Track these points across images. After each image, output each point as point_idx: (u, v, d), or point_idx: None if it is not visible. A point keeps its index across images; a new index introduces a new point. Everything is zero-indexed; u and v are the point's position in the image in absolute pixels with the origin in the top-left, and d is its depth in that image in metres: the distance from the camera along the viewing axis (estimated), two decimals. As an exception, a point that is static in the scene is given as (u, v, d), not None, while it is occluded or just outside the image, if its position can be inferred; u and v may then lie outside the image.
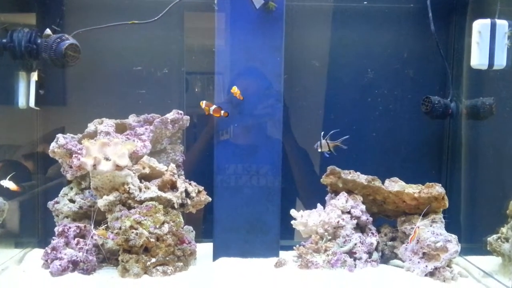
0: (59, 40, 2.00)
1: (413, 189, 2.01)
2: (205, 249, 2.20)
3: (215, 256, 2.16)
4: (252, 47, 2.12)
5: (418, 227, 1.97)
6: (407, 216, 2.08)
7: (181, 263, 1.95)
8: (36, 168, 2.36)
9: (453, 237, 1.97)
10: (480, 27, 1.87)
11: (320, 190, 2.20)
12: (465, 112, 2.24)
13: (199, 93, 2.41)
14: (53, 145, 2.01)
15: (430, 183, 2.02)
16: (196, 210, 2.14)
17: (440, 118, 2.25)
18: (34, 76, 2.10)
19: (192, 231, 2.23)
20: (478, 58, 1.88)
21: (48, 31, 2.03)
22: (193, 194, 2.08)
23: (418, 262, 1.96)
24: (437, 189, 2.00)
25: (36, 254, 2.12)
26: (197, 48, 2.40)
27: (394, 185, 2.05)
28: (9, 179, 2.04)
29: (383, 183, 2.08)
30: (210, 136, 2.24)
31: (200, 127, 2.37)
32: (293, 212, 2.12)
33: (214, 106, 2.11)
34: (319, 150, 2.09)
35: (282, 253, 2.18)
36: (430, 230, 1.98)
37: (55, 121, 2.35)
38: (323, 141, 2.07)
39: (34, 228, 2.34)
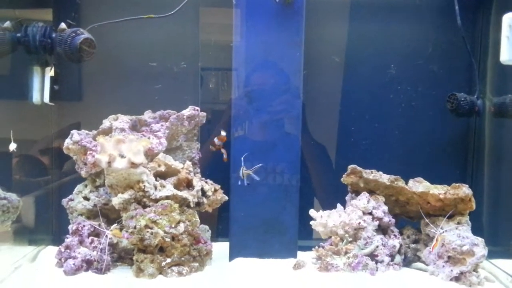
0: (74, 34, 1.96)
1: (438, 190, 1.94)
2: (220, 248, 2.15)
3: (231, 256, 2.11)
4: (271, 42, 2.06)
5: (440, 234, 1.89)
6: (431, 217, 2.00)
7: (197, 264, 1.90)
8: (52, 164, 2.34)
9: (480, 240, 1.89)
10: (510, 20, 1.78)
11: (338, 189, 2.14)
12: (493, 110, 2.16)
13: (214, 89, 2.37)
14: (67, 141, 1.98)
15: (457, 184, 1.94)
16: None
17: (466, 116, 2.19)
18: (49, 71, 2.07)
19: (208, 231, 2.18)
20: (508, 53, 1.78)
21: (63, 25, 1.98)
22: (209, 193, 2.03)
23: (443, 266, 1.89)
24: (464, 190, 1.92)
25: (50, 252, 2.09)
26: (213, 43, 2.35)
27: (419, 185, 1.97)
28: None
29: (406, 183, 2.00)
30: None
31: (214, 123, 2.33)
32: (312, 212, 2.05)
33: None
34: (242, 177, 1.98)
35: (299, 254, 2.13)
36: (456, 233, 1.90)
37: (71, 117, 2.32)
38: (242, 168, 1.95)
39: (48, 225, 2.32)
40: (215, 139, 2.02)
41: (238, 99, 2.11)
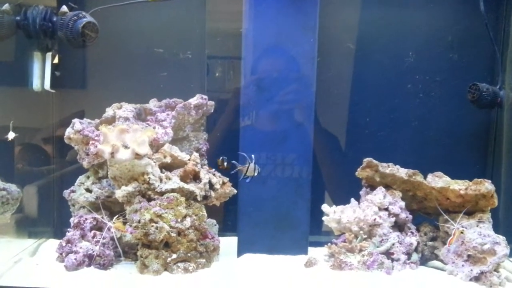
0: (76, 18, 1.88)
1: (459, 186, 1.84)
2: (228, 243, 2.07)
3: (240, 252, 2.03)
4: (283, 27, 1.96)
5: (458, 229, 1.80)
6: (450, 214, 1.90)
7: (204, 260, 1.83)
8: (54, 153, 2.27)
9: (502, 239, 1.80)
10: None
11: (350, 183, 2.05)
12: (516, 101, 2.06)
13: (220, 78, 2.29)
14: (69, 130, 1.91)
15: (479, 179, 1.84)
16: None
17: (488, 107, 2.10)
18: (51, 57, 1.98)
19: (215, 225, 2.10)
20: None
21: (64, 8, 1.90)
22: (217, 186, 1.94)
23: (462, 266, 1.80)
24: (486, 186, 1.82)
25: (51, 246, 2.03)
26: (220, 31, 2.26)
27: (438, 180, 1.88)
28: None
29: (424, 177, 1.90)
30: (231, 121, 2.14)
31: (220, 113, 2.24)
32: (324, 207, 1.97)
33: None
34: (254, 174, 1.81)
35: (310, 250, 2.04)
36: (477, 231, 1.81)
37: (73, 105, 2.25)
38: (251, 165, 1.81)
39: (49, 217, 2.25)
40: (225, 164, 1.90)
41: (248, 88, 2.01)
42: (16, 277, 1.72)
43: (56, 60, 1.99)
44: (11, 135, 1.91)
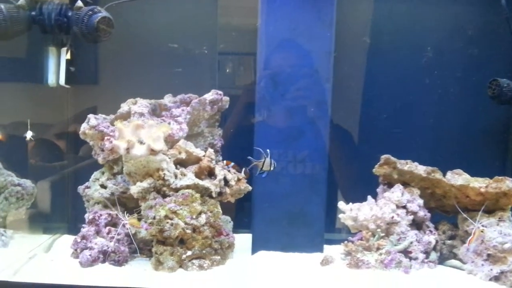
0: (91, 12, 1.86)
1: (479, 183, 1.80)
2: (243, 240, 2.04)
3: (254, 249, 2.01)
4: (299, 21, 1.92)
5: (479, 228, 1.76)
6: (469, 212, 1.86)
7: (219, 257, 1.81)
8: (67, 149, 2.26)
9: (523, 238, 1.75)
10: None
11: (365, 181, 2.03)
12: (537, 97, 2.00)
13: (230, 74, 2.27)
14: (84, 126, 1.90)
15: (499, 177, 1.79)
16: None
17: (509, 103, 2.03)
18: (65, 53, 1.97)
19: (230, 222, 2.08)
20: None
21: (79, 3, 1.88)
22: (232, 182, 1.91)
23: (482, 265, 1.76)
24: (508, 183, 1.78)
25: (66, 241, 2.01)
26: (232, 26, 2.24)
27: (458, 178, 1.84)
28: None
29: (443, 175, 1.86)
30: (241, 118, 2.13)
31: (230, 109, 2.19)
32: (341, 204, 1.94)
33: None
34: (270, 168, 1.80)
35: (325, 248, 2.01)
36: (497, 230, 1.77)
37: (87, 100, 2.24)
38: (267, 160, 1.78)
39: (63, 213, 2.25)
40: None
41: (263, 84, 1.98)
42: (31, 273, 1.71)
43: (68, 56, 1.98)
44: (29, 134, 1.91)
